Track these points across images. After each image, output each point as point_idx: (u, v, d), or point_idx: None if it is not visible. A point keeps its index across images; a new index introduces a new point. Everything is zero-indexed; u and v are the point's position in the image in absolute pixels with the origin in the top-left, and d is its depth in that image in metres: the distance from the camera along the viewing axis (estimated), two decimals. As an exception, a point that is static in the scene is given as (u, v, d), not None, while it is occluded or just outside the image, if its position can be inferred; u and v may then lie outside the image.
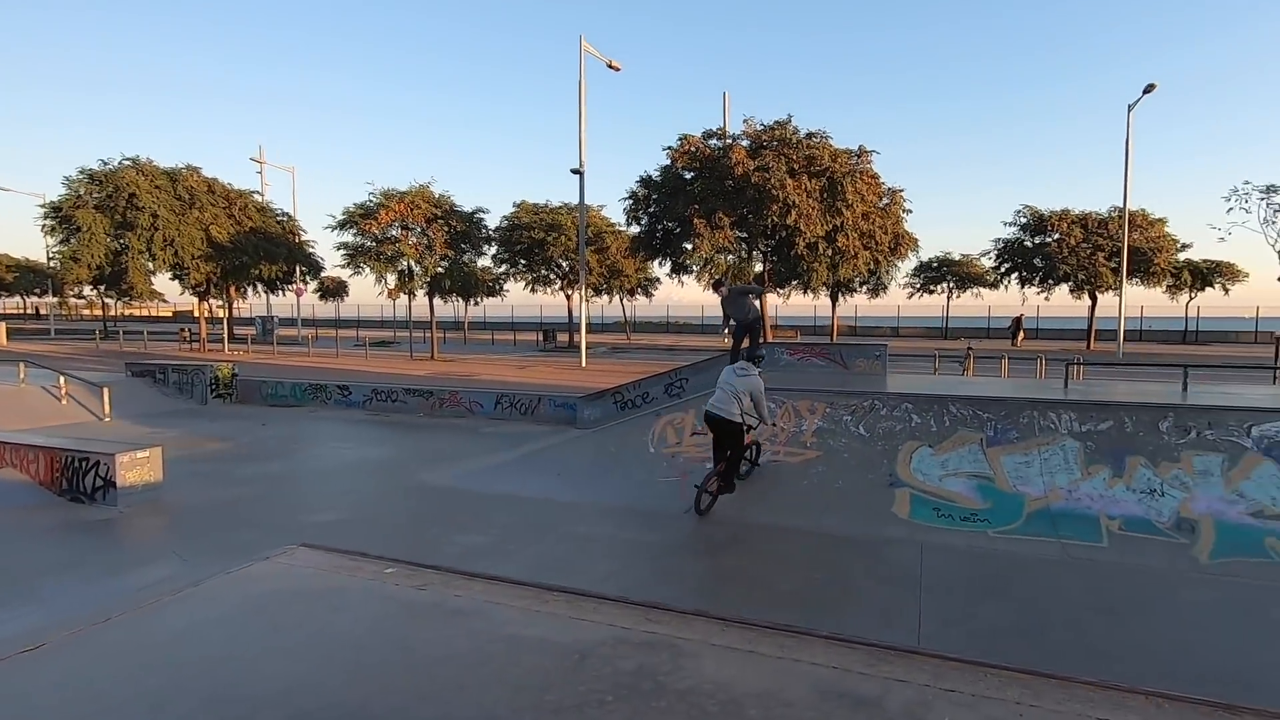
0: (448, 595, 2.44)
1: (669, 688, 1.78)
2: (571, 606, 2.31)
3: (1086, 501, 7.06)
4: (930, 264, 41.04)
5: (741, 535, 6.89)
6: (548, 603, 2.35)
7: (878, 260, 21.67)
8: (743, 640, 2.03)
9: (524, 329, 45.76)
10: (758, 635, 2.07)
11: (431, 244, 23.70)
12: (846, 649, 2.00)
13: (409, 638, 2.13)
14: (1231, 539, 6.35)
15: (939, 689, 1.74)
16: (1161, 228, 32.07)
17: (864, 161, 21.16)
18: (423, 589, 2.51)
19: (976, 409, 8.17)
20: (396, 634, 2.16)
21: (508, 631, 2.13)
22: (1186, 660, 4.46)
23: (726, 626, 2.12)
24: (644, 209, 23.21)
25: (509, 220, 33.17)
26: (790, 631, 2.13)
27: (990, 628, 4.90)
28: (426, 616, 2.29)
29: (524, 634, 2.11)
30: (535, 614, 2.26)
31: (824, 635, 2.12)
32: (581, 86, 21.63)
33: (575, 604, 2.33)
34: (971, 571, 5.99)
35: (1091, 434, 7.57)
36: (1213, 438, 7.16)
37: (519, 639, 2.09)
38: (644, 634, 2.08)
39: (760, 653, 1.96)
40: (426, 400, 15.11)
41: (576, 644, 2.02)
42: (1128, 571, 6.00)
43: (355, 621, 2.25)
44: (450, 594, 2.45)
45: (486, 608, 2.32)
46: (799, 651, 1.96)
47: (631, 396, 13.06)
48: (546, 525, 7.15)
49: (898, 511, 7.40)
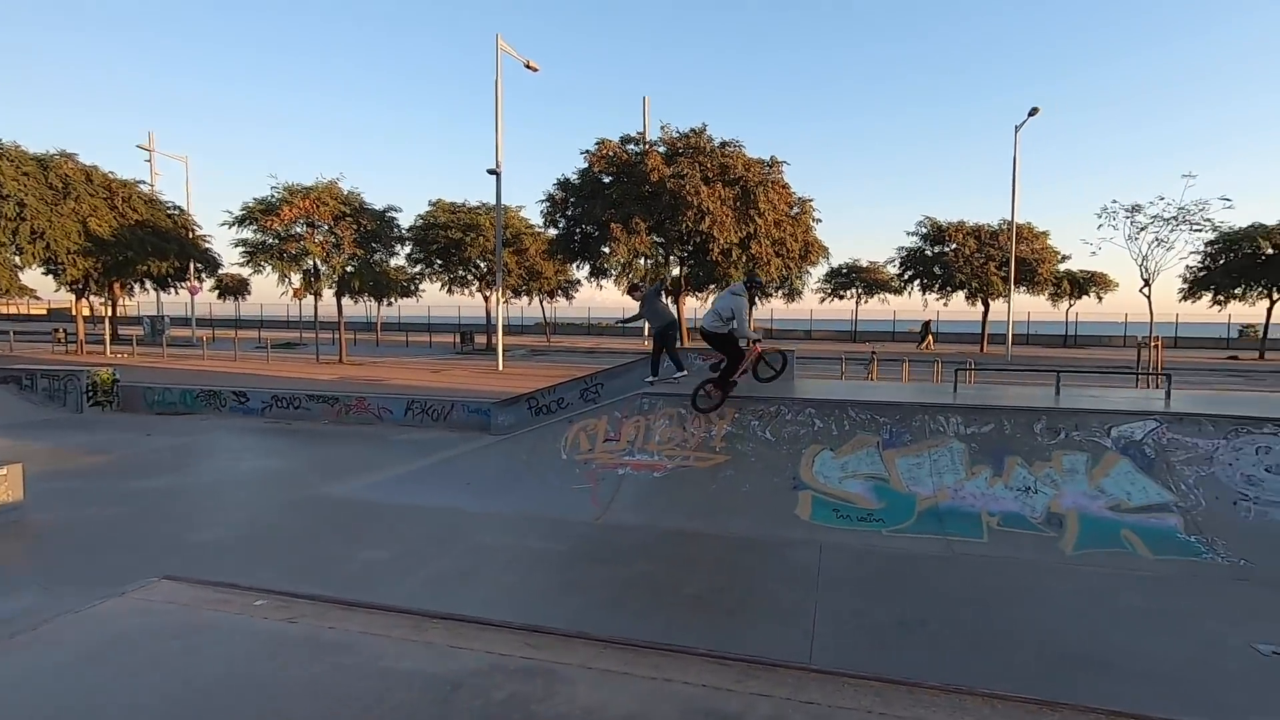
0: (320, 628, 2.34)
1: (538, 716, 1.78)
2: (451, 634, 2.27)
3: (970, 500, 7.55)
4: (840, 270, 42.86)
5: (650, 541, 6.97)
6: (426, 632, 2.29)
7: (789, 267, 22.48)
8: (620, 662, 2.06)
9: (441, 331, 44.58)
10: (635, 656, 2.10)
11: (339, 242, 22.70)
12: (719, 666, 2.06)
13: (269, 679, 2.02)
14: (1092, 531, 6.95)
15: (799, 701, 1.83)
16: (1045, 240, 34.78)
17: (775, 171, 21.90)
18: (294, 622, 2.40)
19: (874, 413, 8.59)
20: (256, 676, 2.04)
21: (380, 666, 2.07)
22: (1050, 645, 4.84)
23: (605, 649, 2.14)
24: (561, 212, 23.12)
25: (424, 219, 32.25)
26: (669, 650, 2.17)
27: (879, 623, 5.15)
28: (293, 654, 2.18)
29: (397, 667, 2.06)
30: (412, 644, 2.20)
31: (700, 653, 2.18)
32: (498, 86, 21.31)
33: (455, 631, 2.29)
34: (865, 570, 6.29)
35: (975, 436, 8.11)
36: (1078, 438, 7.81)
37: (391, 673, 2.03)
38: (522, 660, 2.07)
39: (635, 674, 1.99)
40: (332, 406, 14.47)
41: (450, 675, 1.98)
42: (1003, 564, 6.45)
43: (210, 664, 2.11)
44: (324, 627, 2.35)
45: (360, 640, 2.24)
46: (673, 671, 2.01)
47: (546, 402, 12.96)
48: (452, 537, 6.99)
49: (800, 513, 7.68)
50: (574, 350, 34.16)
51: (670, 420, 9.22)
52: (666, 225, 20.54)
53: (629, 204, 20.37)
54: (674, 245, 22.29)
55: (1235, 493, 7.03)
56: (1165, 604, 5.58)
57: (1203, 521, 6.82)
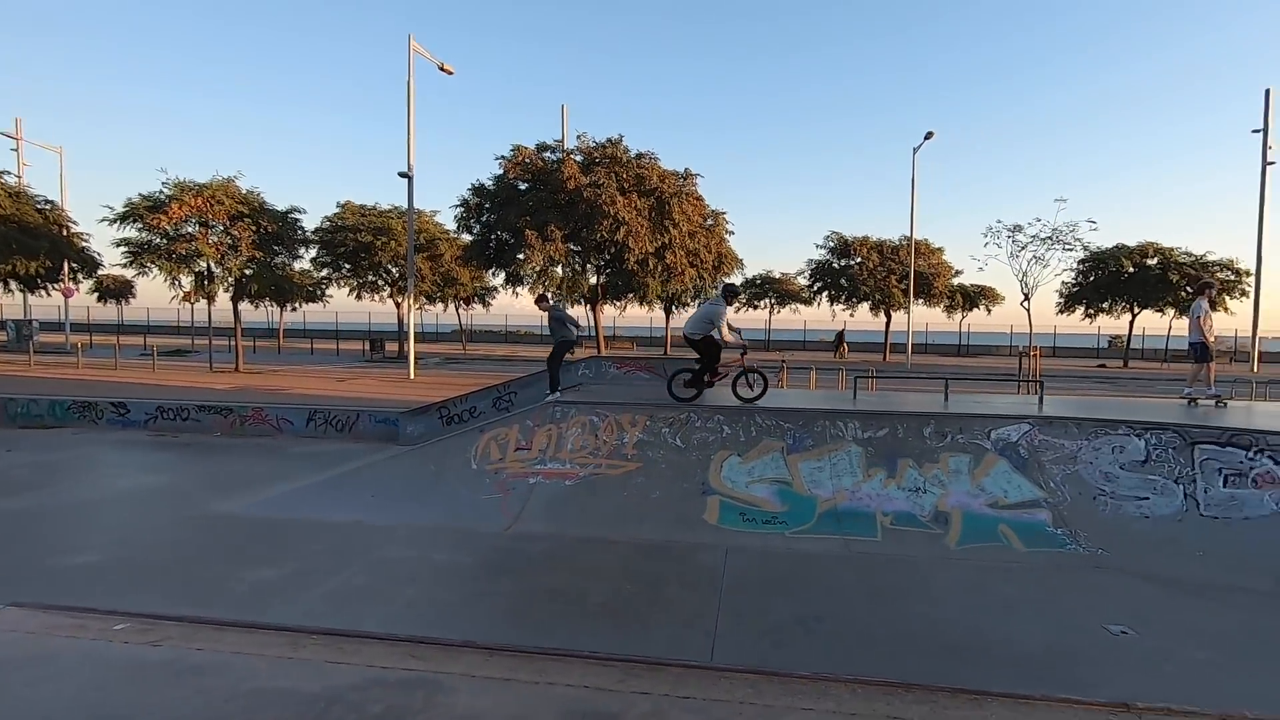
0: (187, 651, 2.21)
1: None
2: (330, 650, 2.19)
3: (866, 501, 7.96)
4: (754, 281, 44.18)
5: (558, 550, 6.95)
6: (303, 649, 2.21)
7: (703, 277, 23.02)
8: (505, 669, 2.06)
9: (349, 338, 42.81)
10: (520, 662, 2.11)
11: (236, 243, 21.41)
12: (602, 667, 2.10)
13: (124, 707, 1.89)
14: (974, 527, 7.47)
15: (677, 697, 1.89)
16: (940, 255, 37.15)
17: (690, 183, 22.41)
18: (157, 646, 2.25)
19: (779, 419, 8.91)
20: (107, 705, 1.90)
21: (250, 686, 1.98)
22: (934, 635, 5.16)
23: (491, 656, 2.13)
24: (476, 218, 22.75)
25: (332, 221, 30.91)
26: (554, 654, 2.19)
27: (778, 622, 5.34)
28: (154, 679, 2.05)
29: (269, 687, 1.97)
30: (287, 662, 2.12)
31: (585, 655, 2.21)
32: (410, 88, 20.76)
33: (335, 647, 2.22)
34: (768, 571, 6.50)
35: (872, 440, 8.55)
36: (963, 441, 8.38)
37: (262, 693, 1.94)
38: (403, 672, 2.03)
39: (519, 680, 1.99)
40: (225, 418, 13.59)
41: (325, 692, 1.92)
42: (895, 561, 6.83)
43: (57, 695, 1.95)
44: (190, 649, 2.22)
45: (230, 661, 2.13)
46: (556, 674, 2.03)
47: (458, 411, 12.69)
48: (353, 552, 6.71)
49: (708, 518, 7.86)
50: (491, 358, 33.58)
51: (583, 428, 9.23)
52: (583, 234, 20.59)
53: (545, 211, 20.30)
54: (590, 254, 22.38)
55: (1095, 488, 7.73)
56: (1033, 592, 6.06)
57: (1068, 515, 7.46)
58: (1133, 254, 33.50)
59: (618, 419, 9.22)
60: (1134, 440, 7.90)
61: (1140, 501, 7.50)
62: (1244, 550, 6.62)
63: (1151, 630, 5.23)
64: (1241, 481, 7.27)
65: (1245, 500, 7.11)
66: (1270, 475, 7.13)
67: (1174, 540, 7.01)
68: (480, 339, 50.62)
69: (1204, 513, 7.19)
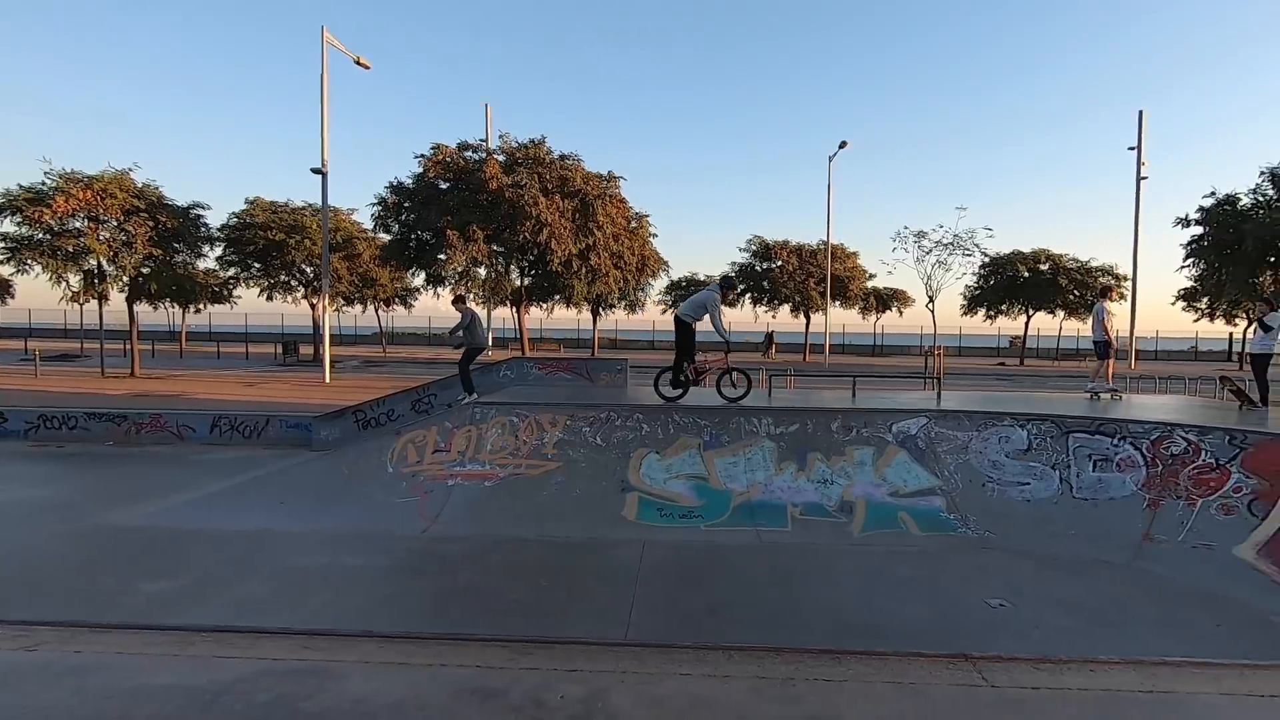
0: (64, 653, 2.14)
1: (304, 711, 1.79)
2: (219, 646, 2.18)
3: (778, 493, 8.30)
4: (680, 283, 44.78)
5: (476, 551, 6.93)
6: (191, 646, 2.19)
7: (627, 279, 23.24)
8: (399, 654, 2.11)
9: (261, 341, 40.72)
10: (415, 647, 2.17)
11: (131, 240, 20.04)
12: (497, 648, 2.19)
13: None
14: (876, 515, 7.93)
15: (564, 670, 2.00)
16: (855, 260, 38.81)
17: (613, 186, 22.60)
18: (32, 650, 2.17)
19: (696, 417, 9.17)
20: (-26, 709, 1.84)
21: (132, 684, 1.95)
22: (836, 616, 5.47)
23: (386, 644, 2.18)
24: (395, 216, 22.15)
25: (239, 218, 29.37)
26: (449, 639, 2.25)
27: (689, 610, 5.54)
28: (28, 682, 1.99)
29: (152, 683, 1.95)
30: (173, 660, 2.10)
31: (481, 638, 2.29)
32: (324, 82, 20.05)
33: (224, 642, 2.21)
34: (683, 563, 6.70)
35: (784, 435, 8.93)
36: (867, 434, 8.87)
37: (145, 689, 1.92)
38: (295, 663, 2.05)
39: (412, 664, 2.05)
40: (118, 426, 12.76)
41: (212, 685, 1.92)
42: (804, 549, 7.17)
43: (-85, 703, 1.87)
44: (68, 651, 2.16)
45: (111, 661, 2.09)
46: (450, 657, 2.10)
47: (375, 414, 12.37)
48: (258, 561, 6.49)
49: (627, 514, 8.01)
50: (413, 361, 32.70)
51: (502, 429, 9.21)
52: (505, 235, 20.41)
53: (466, 211, 19.99)
54: (514, 255, 22.20)
55: (984, 476, 8.35)
56: (927, 573, 6.51)
57: (959, 501, 8.03)
58: (1027, 260, 36.07)
59: (538, 419, 9.26)
60: (1018, 430, 8.58)
61: (1022, 486, 8.15)
62: (1107, 527, 7.32)
63: (1025, 601, 5.73)
64: (1108, 466, 8.01)
65: (1110, 483, 7.84)
66: (1131, 459, 7.90)
67: (1050, 521, 7.66)
68: (402, 341, 49.21)
69: (1076, 495, 7.89)
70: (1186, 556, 6.66)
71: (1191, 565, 6.49)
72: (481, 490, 8.47)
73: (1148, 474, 7.68)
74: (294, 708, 1.84)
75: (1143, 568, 6.65)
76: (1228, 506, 6.91)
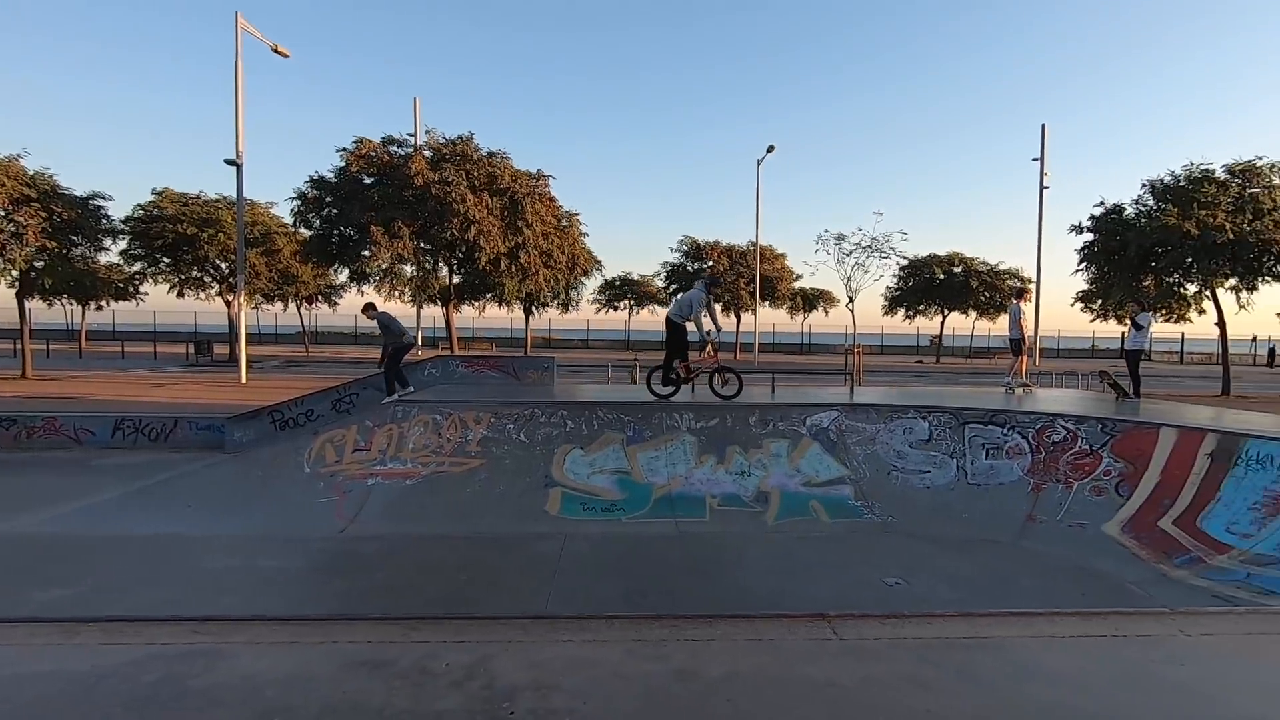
0: (-64, 650, 2.10)
1: (192, 689, 1.85)
2: (106, 634, 2.19)
3: (698, 485, 8.58)
4: (614, 282, 45.02)
5: (395, 549, 6.89)
6: (77, 636, 2.18)
7: (558, 278, 23.23)
8: (290, 635, 2.18)
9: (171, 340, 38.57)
10: (308, 628, 2.23)
11: (21, 231, 18.65)
12: (389, 625, 2.28)
13: None
14: (789, 504, 8.31)
15: (453, 642, 2.12)
16: (783, 261, 39.98)
17: (542, 184, 22.53)
18: (-100, 649, 2.12)
19: (620, 413, 9.36)
20: None
21: (11, 672, 1.94)
22: (740, 598, 5.74)
23: (278, 625, 2.24)
24: (315, 211, 21.39)
25: (146, 210, 27.71)
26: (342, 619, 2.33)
27: (605, 598, 5.69)
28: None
29: (31, 671, 1.95)
30: (56, 648, 2.09)
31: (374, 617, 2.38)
32: (238, 69, 19.17)
33: (111, 631, 2.21)
34: (602, 554, 6.86)
35: (704, 430, 9.22)
36: (783, 427, 9.26)
37: (24, 677, 1.92)
38: (184, 646, 2.08)
39: (303, 642, 2.13)
40: (7, 430, 11.88)
41: (95, 670, 1.94)
42: (720, 538, 7.45)
43: None
44: (-59, 648, 2.12)
45: (-11, 654, 2.07)
46: (341, 634, 2.18)
47: (293, 415, 11.96)
48: (165, 566, 6.26)
49: (549, 509, 8.12)
50: (338, 360, 31.64)
51: (425, 427, 9.15)
52: (432, 232, 20.04)
53: (391, 207, 19.51)
54: (441, 252, 21.83)
55: (889, 465, 8.87)
56: (833, 557, 6.89)
57: (866, 489, 8.51)
58: (942, 263, 38.02)
59: (462, 417, 9.25)
60: (920, 422, 9.15)
61: (924, 474, 8.70)
62: (996, 510, 7.92)
63: (919, 579, 6.16)
64: (999, 454, 8.66)
65: (1000, 469, 8.48)
66: (1018, 447, 8.56)
67: (947, 506, 8.22)
68: (327, 340, 47.49)
69: (970, 481, 8.49)
70: (1063, 534, 7.30)
71: (1066, 542, 7.12)
72: (402, 489, 8.41)
73: (1033, 460, 8.36)
74: (182, 685, 1.89)
75: (1026, 546, 7.24)
76: (1099, 488, 7.60)
